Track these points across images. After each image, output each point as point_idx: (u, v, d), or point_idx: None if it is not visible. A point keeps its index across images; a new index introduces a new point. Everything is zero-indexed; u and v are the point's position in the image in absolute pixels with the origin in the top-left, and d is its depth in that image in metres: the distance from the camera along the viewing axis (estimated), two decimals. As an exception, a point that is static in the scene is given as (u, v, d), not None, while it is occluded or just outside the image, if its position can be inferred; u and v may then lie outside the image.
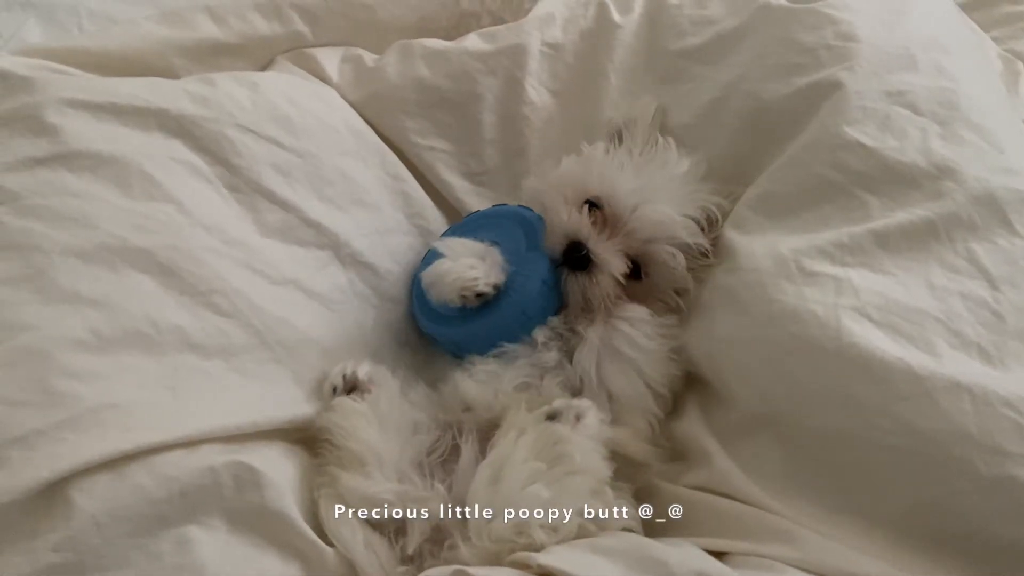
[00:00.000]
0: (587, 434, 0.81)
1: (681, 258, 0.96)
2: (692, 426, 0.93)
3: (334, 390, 0.90)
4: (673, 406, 0.96)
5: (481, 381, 0.92)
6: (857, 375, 0.77)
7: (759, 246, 0.92)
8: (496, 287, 0.95)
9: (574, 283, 0.96)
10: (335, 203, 1.04)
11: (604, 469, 0.81)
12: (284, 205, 0.99)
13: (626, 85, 1.14)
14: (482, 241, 0.97)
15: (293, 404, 0.88)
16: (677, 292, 1.00)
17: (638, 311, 0.96)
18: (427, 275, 0.97)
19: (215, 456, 0.75)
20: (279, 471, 0.79)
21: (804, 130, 0.96)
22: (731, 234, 0.97)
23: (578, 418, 0.82)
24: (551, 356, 0.94)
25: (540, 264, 0.97)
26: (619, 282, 0.95)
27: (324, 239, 1.01)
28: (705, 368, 0.94)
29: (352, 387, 0.90)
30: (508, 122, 1.16)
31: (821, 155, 0.93)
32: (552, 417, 0.82)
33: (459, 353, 1.00)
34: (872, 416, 0.76)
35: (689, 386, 0.97)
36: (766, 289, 0.87)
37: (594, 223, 0.97)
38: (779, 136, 0.99)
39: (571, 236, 0.95)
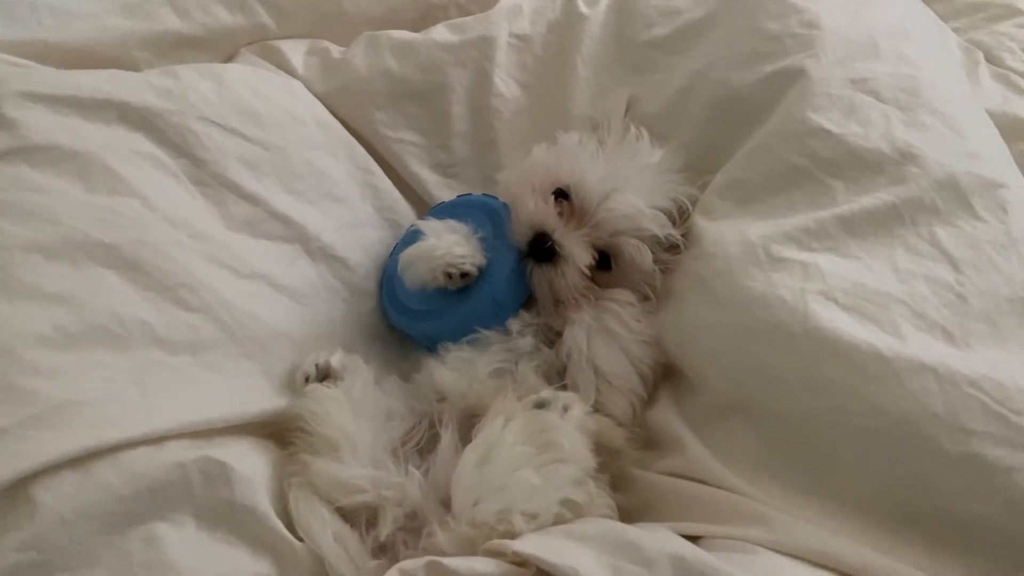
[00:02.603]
0: (575, 424, 0.81)
1: (647, 252, 0.96)
2: (664, 413, 0.93)
3: (307, 379, 0.89)
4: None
5: (455, 369, 0.92)
6: (825, 358, 0.78)
7: (728, 232, 0.92)
8: (480, 269, 0.95)
9: (540, 275, 0.95)
10: (304, 196, 1.03)
11: (590, 459, 0.81)
12: (251, 198, 0.98)
13: (595, 76, 1.14)
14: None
15: (263, 398, 0.87)
16: (647, 283, 1.00)
17: (625, 295, 0.97)
18: (408, 254, 0.96)
19: (183, 452, 0.74)
20: (249, 466, 0.78)
21: (771, 117, 0.97)
22: (699, 221, 0.97)
23: (565, 408, 0.83)
24: (526, 342, 0.94)
25: (508, 253, 0.97)
26: (585, 274, 0.95)
27: (293, 233, 1.00)
28: (676, 355, 0.94)
29: (325, 375, 0.89)
30: (477, 114, 1.16)
31: (787, 141, 0.93)
32: (540, 406, 0.82)
33: (432, 345, 1.00)
34: (841, 398, 0.77)
35: (662, 374, 0.97)
36: (735, 276, 0.87)
37: (560, 214, 0.97)
38: (746, 123, 1.00)
39: (537, 227, 0.95)
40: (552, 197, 0.98)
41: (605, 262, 0.98)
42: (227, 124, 0.98)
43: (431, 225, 0.98)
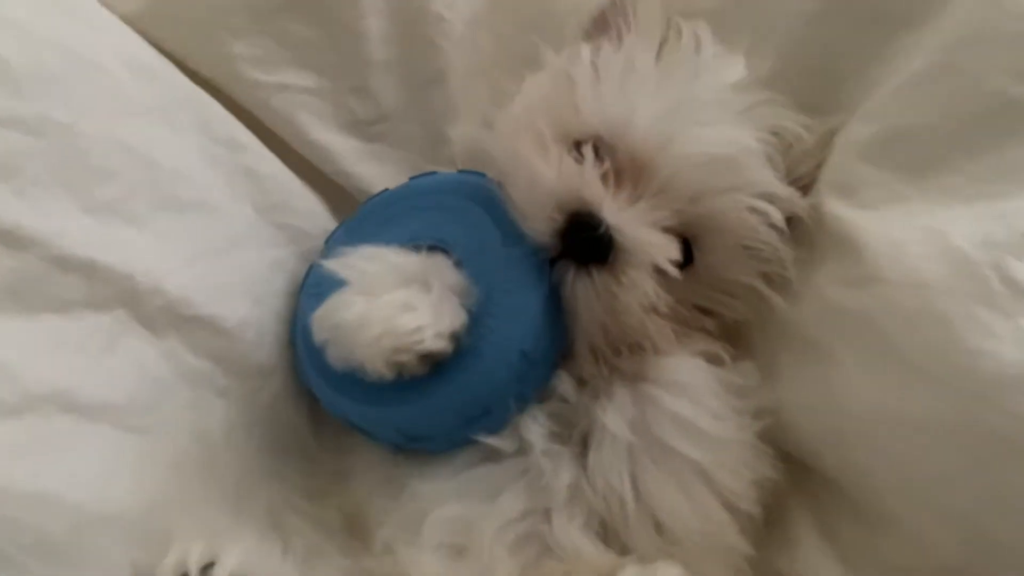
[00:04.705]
0: None
1: (776, 215, 0.58)
2: (812, 557, 0.55)
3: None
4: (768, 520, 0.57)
5: (438, 544, 0.50)
6: None
7: (905, 233, 0.52)
8: (456, 336, 0.53)
9: (586, 290, 0.55)
10: (118, 213, 0.56)
11: None
12: (9, 237, 0.50)
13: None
14: (414, 246, 0.58)
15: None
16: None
17: (691, 366, 0.57)
18: (322, 326, 0.54)
19: None
20: None
21: (946, 7, 0.55)
22: (837, 207, 0.56)
23: None
24: (563, 475, 0.53)
25: (532, 272, 0.56)
26: (665, 277, 0.55)
27: (104, 288, 0.54)
28: (830, 459, 0.55)
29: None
30: (408, 29, 0.73)
31: (994, 54, 0.52)
32: None
33: (394, 443, 0.59)
34: None
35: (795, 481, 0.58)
36: (948, 326, 0.47)
37: (603, 178, 0.56)
38: (897, 22, 0.59)
39: (572, 203, 0.55)
40: (586, 149, 0.58)
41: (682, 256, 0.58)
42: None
43: (355, 260, 0.55)
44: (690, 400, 0.54)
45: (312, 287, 0.61)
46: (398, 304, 0.51)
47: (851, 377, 0.53)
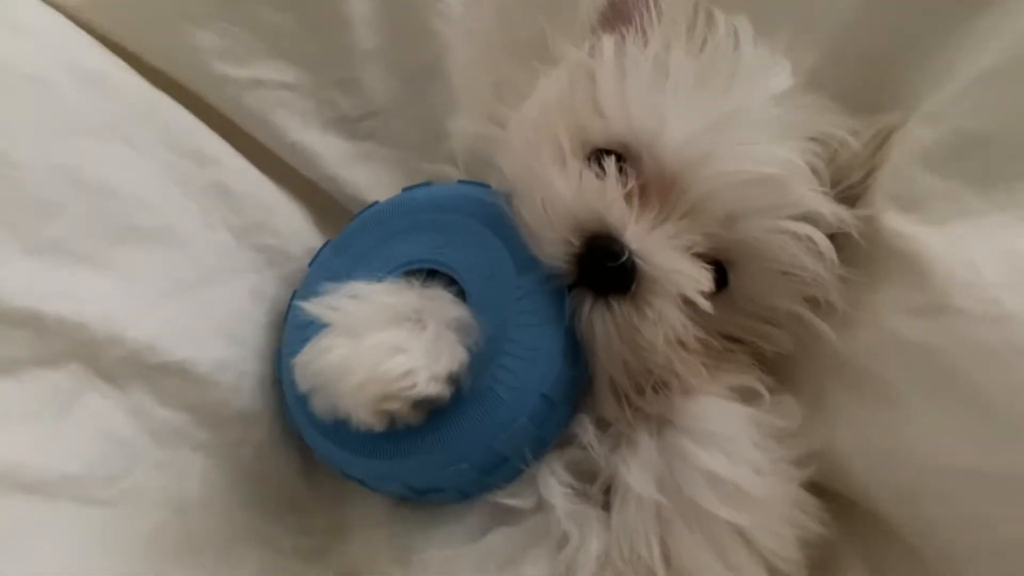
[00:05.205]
0: None
1: (821, 239, 0.50)
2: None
3: None
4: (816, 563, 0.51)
5: None
6: None
7: (979, 252, 0.45)
8: (455, 379, 0.47)
9: (605, 323, 0.48)
10: (66, 251, 0.49)
11: None
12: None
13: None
14: (410, 272, 0.53)
15: None
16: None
17: (724, 411, 0.50)
18: (303, 373, 0.47)
19: None
20: None
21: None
22: (897, 222, 0.49)
23: None
24: (591, 543, 0.47)
25: (549, 302, 0.50)
26: (696, 309, 0.49)
27: (54, 342, 0.47)
28: (891, 510, 0.49)
29: None
30: (397, 11, 0.64)
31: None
32: None
33: (400, 496, 0.52)
34: None
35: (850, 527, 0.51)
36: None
37: (627, 196, 0.49)
38: (965, 2, 0.51)
39: (592, 226, 0.48)
40: (609, 161, 0.50)
41: (715, 282, 0.51)
42: None
43: (338, 298, 0.49)
44: (725, 453, 0.47)
45: (297, 320, 0.53)
46: (386, 346, 0.45)
47: (921, 422, 0.46)
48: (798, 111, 0.52)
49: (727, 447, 0.48)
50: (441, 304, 0.48)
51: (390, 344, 0.45)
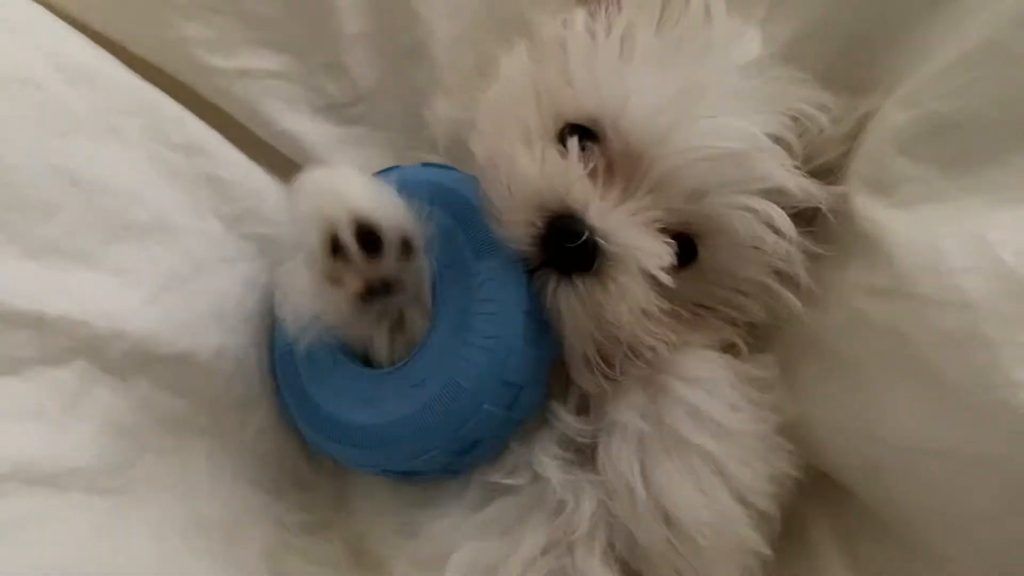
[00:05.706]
0: None
1: (781, 218, 0.51)
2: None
3: None
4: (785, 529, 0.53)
5: None
6: None
7: (943, 237, 0.46)
8: (408, 239, 0.49)
9: (571, 301, 0.50)
10: (64, 251, 0.50)
11: None
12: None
13: None
14: None
15: None
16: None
17: (705, 358, 0.52)
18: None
19: None
20: None
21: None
22: (868, 206, 0.50)
23: None
24: (585, 504, 0.50)
25: (512, 280, 0.51)
26: (659, 284, 0.50)
27: (57, 341, 0.48)
28: (859, 482, 0.51)
29: None
30: None
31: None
32: None
33: (377, 475, 0.55)
34: None
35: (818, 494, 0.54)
36: (995, 353, 0.42)
37: (592, 173, 0.50)
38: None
39: (552, 204, 0.49)
40: (571, 140, 0.51)
41: (684, 254, 0.53)
42: None
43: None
44: (705, 390, 0.50)
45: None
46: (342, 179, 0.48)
47: (885, 400, 0.48)
48: (770, 83, 0.53)
49: (707, 385, 0.51)
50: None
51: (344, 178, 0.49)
